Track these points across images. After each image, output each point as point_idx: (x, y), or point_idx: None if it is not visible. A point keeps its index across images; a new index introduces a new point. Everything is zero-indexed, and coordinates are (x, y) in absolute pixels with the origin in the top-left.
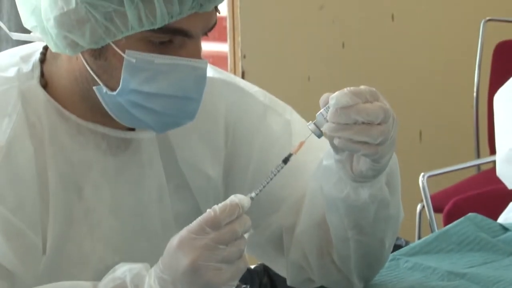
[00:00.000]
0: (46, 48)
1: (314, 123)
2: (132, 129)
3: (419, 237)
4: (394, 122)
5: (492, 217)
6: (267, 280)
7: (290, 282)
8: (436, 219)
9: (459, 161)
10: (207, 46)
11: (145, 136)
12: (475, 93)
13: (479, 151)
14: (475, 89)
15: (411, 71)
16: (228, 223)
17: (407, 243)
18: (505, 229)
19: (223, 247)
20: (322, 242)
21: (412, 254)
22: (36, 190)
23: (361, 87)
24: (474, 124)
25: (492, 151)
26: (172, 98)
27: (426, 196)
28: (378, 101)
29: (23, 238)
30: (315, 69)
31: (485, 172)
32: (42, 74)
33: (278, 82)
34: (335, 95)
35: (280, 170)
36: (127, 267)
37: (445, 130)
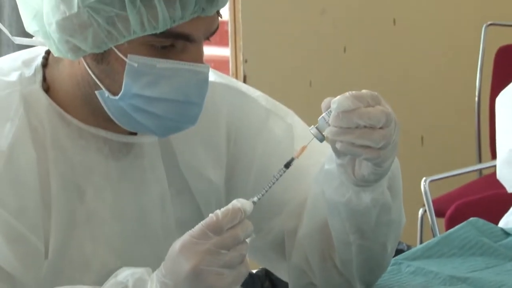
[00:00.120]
0: (48, 53)
1: (316, 127)
2: (134, 134)
3: (421, 242)
4: (396, 126)
5: (494, 222)
6: (269, 285)
7: (292, 286)
8: (438, 224)
9: (461, 165)
10: (208, 51)
11: (147, 140)
12: (476, 98)
13: (481, 156)
14: (476, 93)
15: (413, 75)
16: (230, 228)
17: (409, 247)
18: (506, 234)
19: (225, 251)
20: (324, 246)
21: (414, 259)
22: (38, 194)
23: (363, 91)
24: (476, 128)
25: (493, 156)
26: (174, 102)
27: (428, 201)
28: (380, 105)
29: (24, 242)
30: (316, 73)
31: (487, 177)
32: (44, 79)
33: (279, 86)
34: (337, 99)
35: (282, 174)
36: (129, 272)
37: (447, 135)
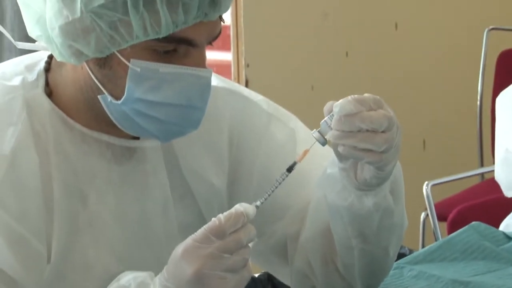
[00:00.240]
0: (51, 57)
1: (319, 131)
2: (137, 138)
3: (423, 246)
4: (398, 130)
5: (496, 226)
6: None
7: None
8: (440, 228)
9: (463, 169)
10: (210, 55)
11: (150, 145)
12: (478, 102)
13: (483, 160)
14: (478, 97)
15: (415, 79)
16: (232, 232)
17: (411, 251)
18: (508, 238)
19: (228, 256)
20: (326, 250)
21: (416, 263)
22: (40, 199)
23: (365, 95)
24: (478, 132)
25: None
26: (177, 107)
27: (430, 205)
28: (382, 109)
29: (27, 246)
30: (318, 78)
31: (489, 181)
32: (47, 83)
33: (281, 90)
34: (339, 103)
35: (284, 178)
36: (132, 276)
37: (448, 139)
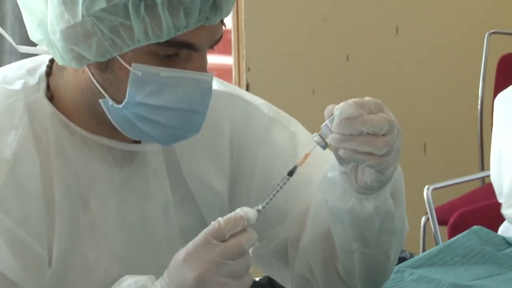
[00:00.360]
0: (52, 61)
1: (319, 134)
2: (138, 142)
3: (424, 250)
4: (398, 133)
5: (496, 230)
6: None
7: None
8: (441, 232)
9: (464, 173)
10: (211, 59)
11: (151, 148)
12: (479, 106)
13: (484, 164)
14: (479, 101)
15: (415, 83)
16: (234, 236)
17: (411, 255)
18: (509, 243)
19: (230, 262)
20: (327, 254)
21: (417, 267)
22: (41, 203)
23: (366, 98)
24: (478, 136)
25: None
26: (178, 111)
27: (430, 209)
28: (382, 112)
29: (28, 250)
30: (319, 81)
31: (490, 185)
32: (48, 87)
33: (282, 94)
34: (339, 106)
35: (286, 182)
36: (133, 280)
37: (449, 143)
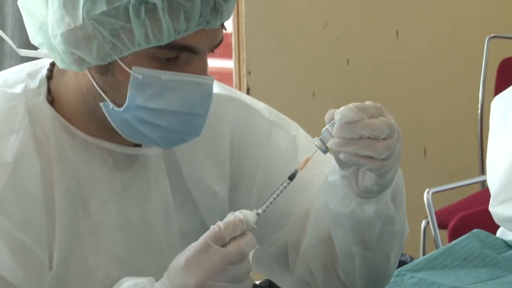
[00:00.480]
0: (53, 65)
1: (320, 138)
2: (139, 145)
3: (424, 253)
4: (399, 137)
5: (496, 233)
6: None
7: None
8: (441, 235)
9: (464, 177)
10: (212, 63)
11: (151, 152)
12: (479, 110)
13: (484, 168)
14: (479, 105)
15: (416, 87)
16: (234, 240)
17: (411, 259)
18: (509, 246)
19: (232, 267)
20: (328, 257)
21: (417, 270)
22: (42, 206)
23: (366, 102)
24: (479, 140)
25: None
26: (178, 114)
27: (430, 212)
28: (383, 116)
29: (29, 253)
30: (320, 85)
31: None
32: (49, 91)
33: (283, 98)
34: (340, 110)
35: (286, 186)
36: (132, 282)
37: (449, 147)
